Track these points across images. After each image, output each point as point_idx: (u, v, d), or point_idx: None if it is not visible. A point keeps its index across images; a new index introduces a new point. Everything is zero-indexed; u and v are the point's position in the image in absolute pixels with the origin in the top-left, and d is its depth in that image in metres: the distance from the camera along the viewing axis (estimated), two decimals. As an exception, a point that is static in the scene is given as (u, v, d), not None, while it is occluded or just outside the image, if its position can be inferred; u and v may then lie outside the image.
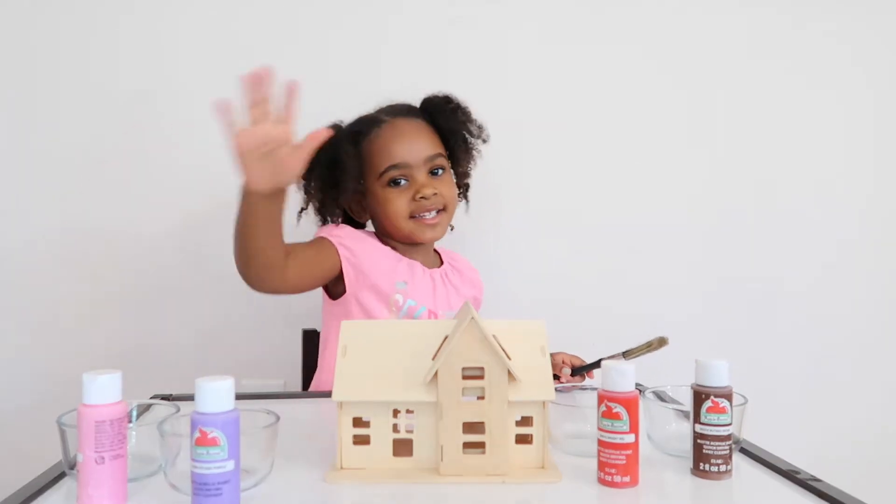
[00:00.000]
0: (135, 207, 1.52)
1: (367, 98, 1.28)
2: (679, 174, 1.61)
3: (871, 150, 1.64)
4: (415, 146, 1.22)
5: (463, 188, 1.36)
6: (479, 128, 1.30)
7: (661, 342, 1.02)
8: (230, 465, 0.66)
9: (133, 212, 1.52)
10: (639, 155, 1.60)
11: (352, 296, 1.19)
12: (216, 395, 0.66)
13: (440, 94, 1.28)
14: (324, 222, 1.28)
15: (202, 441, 0.65)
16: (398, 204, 1.21)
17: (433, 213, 1.22)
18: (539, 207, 1.59)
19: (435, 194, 1.21)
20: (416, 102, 1.30)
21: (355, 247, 1.20)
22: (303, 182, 1.25)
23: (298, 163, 0.91)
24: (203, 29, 1.52)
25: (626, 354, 1.04)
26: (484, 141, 1.31)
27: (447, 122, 1.26)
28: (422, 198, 1.20)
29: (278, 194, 0.96)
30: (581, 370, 1.12)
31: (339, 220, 1.28)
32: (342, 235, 1.21)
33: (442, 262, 1.33)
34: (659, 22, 1.59)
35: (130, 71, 1.52)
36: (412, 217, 1.21)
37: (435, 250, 1.35)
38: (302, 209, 1.27)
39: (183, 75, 1.52)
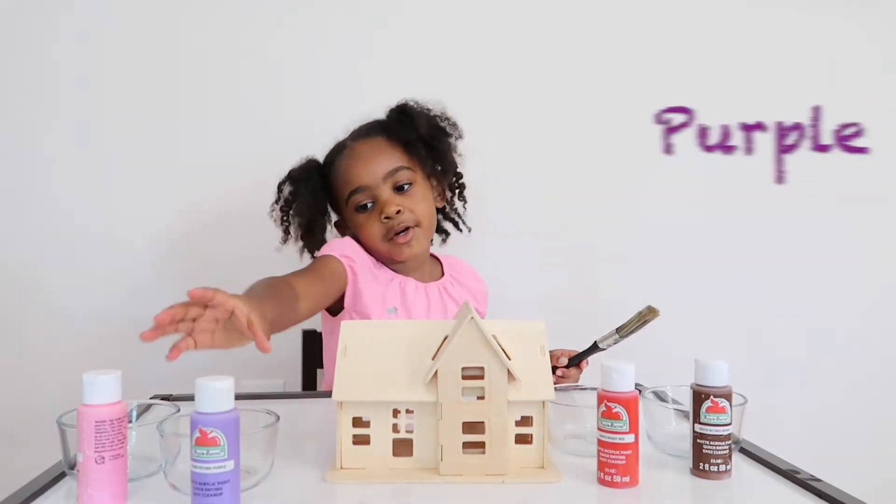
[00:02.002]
0: (134, 208, 1.52)
1: (351, 104, 1.28)
2: (679, 172, 1.61)
3: (872, 149, 1.64)
4: (370, 166, 1.20)
5: (458, 188, 1.32)
6: (453, 125, 1.27)
7: (652, 311, 0.99)
8: (230, 465, 0.66)
9: (133, 212, 1.52)
10: (638, 154, 1.60)
11: (347, 314, 1.19)
12: (216, 394, 0.66)
13: (395, 106, 1.26)
14: (310, 251, 1.27)
15: (202, 441, 0.65)
16: (369, 228, 1.20)
17: (404, 232, 1.19)
18: (537, 207, 1.59)
19: (399, 212, 1.18)
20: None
21: (359, 270, 1.19)
22: (281, 217, 1.25)
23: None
24: (210, 32, 1.53)
25: (620, 330, 1.02)
26: (458, 137, 1.28)
27: (402, 133, 1.23)
28: (386, 218, 1.19)
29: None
30: (578, 358, 1.11)
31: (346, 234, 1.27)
32: (352, 257, 1.19)
33: (443, 274, 1.31)
34: (645, 14, 1.60)
35: (139, 73, 1.52)
36: (387, 239, 1.20)
37: (437, 258, 1.33)
38: (287, 239, 1.26)
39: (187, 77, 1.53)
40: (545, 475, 0.76)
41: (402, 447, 0.77)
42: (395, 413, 0.76)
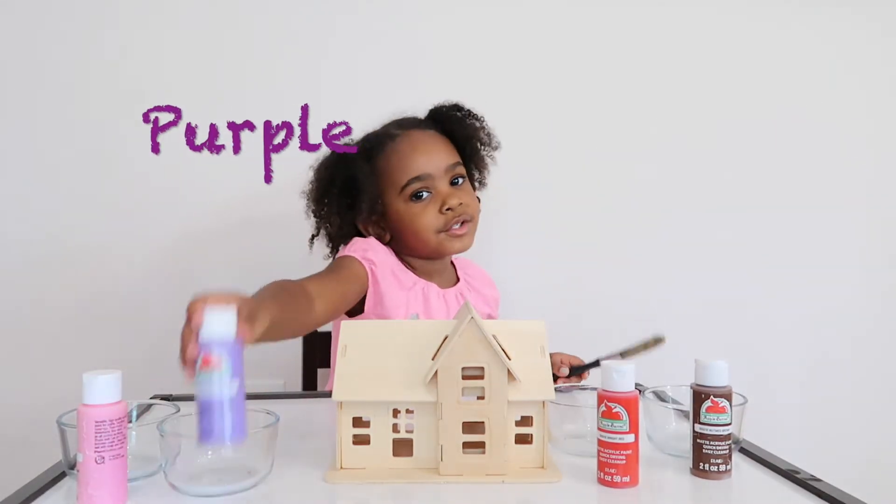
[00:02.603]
0: (135, 208, 1.52)
1: (370, 107, 1.27)
2: (679, 174, 1.61)
3: (871, 150, 1.64)
4: (434, 156, 1.18)
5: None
6: (489, 135, 1.27)
7: (657, 341, 1.01)
8: (234, 386, 0.66)
9: (134, 212, 1.52)
10: (637, 155, 1.60)
11: (367, 318, 1.15)
12: (221, 320, 0.67)
13: (448, 103, 1.25)
14: (335, 248, 1.23)
15: (207, 363, 0.65)
16: (426, 218, 1.16)
17: (460, 225, 1.18)
18: (537, 208, 1.59)
19: (460, 204, 1.17)
20: (422, 114, 1.27)
21: (380, 274, 1.14)
22: (314, 207, 1.21)
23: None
24: (218, 45, 1.53)
25: (624, 354, 1.03)
26: (495, 148, 1.28)
27: (461, 128, 1.23)
28: (448, 209, 1.16)
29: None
30: (579, 370, 1.12)
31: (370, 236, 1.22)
32: (374, 260, 1.15)
33: (458, 279, 1.29)
34: (651, 22, 1.60)
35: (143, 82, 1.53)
36: (443, 231, 1.17)
37: (451, 263, 1.31)
38: (313, 235, 1.24)
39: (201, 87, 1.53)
40: (545, 475, 0.76)
41: (402, 447, 0.77)
42: (395, 413, 0.76)
